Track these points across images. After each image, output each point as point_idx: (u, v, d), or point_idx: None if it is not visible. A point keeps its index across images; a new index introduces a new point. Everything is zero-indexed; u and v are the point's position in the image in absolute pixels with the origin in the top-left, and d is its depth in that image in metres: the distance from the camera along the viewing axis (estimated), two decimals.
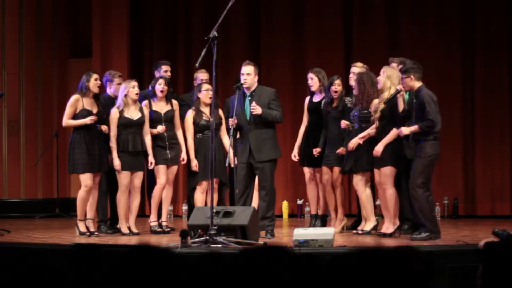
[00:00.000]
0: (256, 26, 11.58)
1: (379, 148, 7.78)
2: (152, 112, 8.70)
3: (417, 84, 7.65)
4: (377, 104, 7.96)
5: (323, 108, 8.71)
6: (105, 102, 8.59)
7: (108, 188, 8.73)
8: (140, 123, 8.49)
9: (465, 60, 10.97)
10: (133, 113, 8.48)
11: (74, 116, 8.29)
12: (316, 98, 8.91)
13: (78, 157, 8.21)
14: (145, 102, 8.73)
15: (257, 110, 7.96)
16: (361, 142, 8.05)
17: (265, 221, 7.94)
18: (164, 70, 9.23)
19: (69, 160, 8.33)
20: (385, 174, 7.86)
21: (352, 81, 8.45)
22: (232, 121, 7.93)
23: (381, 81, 7.97)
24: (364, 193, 8.14)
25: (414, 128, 7.57)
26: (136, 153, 8.46)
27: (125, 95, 8.44)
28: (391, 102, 7.82)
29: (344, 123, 8.25)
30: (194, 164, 8.73)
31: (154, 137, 8.66)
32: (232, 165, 8.17)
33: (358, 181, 8.14)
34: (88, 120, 8.20)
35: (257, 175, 8.17)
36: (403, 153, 7.85)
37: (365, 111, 8.11)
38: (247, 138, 8.05)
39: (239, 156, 8.10)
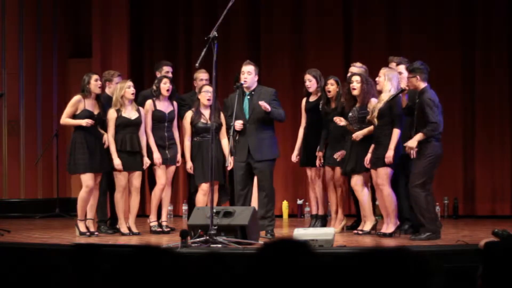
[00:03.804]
0: (256, 26, 11.58)
1: (390, 154, 7.75)
2: (157, 112, 8.69)
3: (422, 85, 7.66)
4: (375, 104, 7.96)
5: (321, 109, 8.71)
6: (104, 102, 8.59)
7: (107, 188, 8.73)
8: (137, 123, 8.49)
9: (465, 60, 10.97)
10: (130, 113, 8.48)
11: (75, 117, 8.29)
12: (312, 98, 8.92)
13: (79, 157, 8.21)
14: (149, 101, 8.71)
15: (267, 107, 7.91)
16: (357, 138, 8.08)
17: (265, 221, 7.94)
18: (166, 71, 9.18)
19: (70, 160, 8.33)
20: (382, 175, 7.85)
21: (355, 83, 8.27)
22: (240, 125, 7.91)
23: (382, 83, 7.96)
24: (362, 193, 8.14)
25: (419, 136, 7.57)
26: (134, 153, 8.45)
27: (122, 96, 8.43)
28: (393, 101, 7.82)
29: (339, 120, 8.20)
30: (189, 167, 8.73)
31: (154, 137, 8.66)
32: (230, 167, 8.15)
33: (358, 181, 8.14)
34: (84, 122, 8.19)
35: (256, 175, 8.16)
36: (400, 152, 7.85)
37: (363, 111, 8.11)
38: (246, 138, 8.04)
39: (237, 155, 8.08)
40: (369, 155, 7.96)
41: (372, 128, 8.02)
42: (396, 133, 7.79)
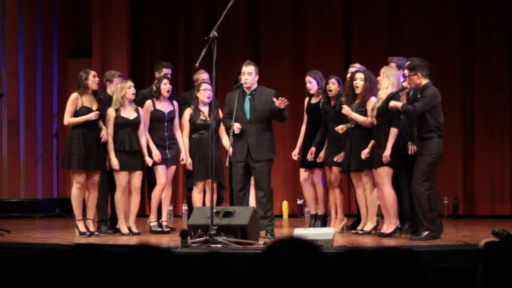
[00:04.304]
0: (256, 26, 11.59)
1: (387, 153, 7.74)
2: (156, 112, 8.68)
3: (424, 81, 7.66)
4: (374, 103, 7.96)
5: (321, 108, 8.72)
6: (105, 101, 8.59)
7: (108, 188, 8.72)
8: (136, 122, 8.49)
9: (465, 60, 10.97)
10: (129, 113, 8.48)
11: (74, 114, 8.29)
12: (314, 100, 8.92)
13: (74, 153, 8.19)
14: (149, 102, 8.71)
15: (283, 104, 7.93)
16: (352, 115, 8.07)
17: (265, 221, 7.93)
18: (165, 73, 9.18)
19: (64, 155, 8.31)
20: (382, 174, 7.85)
21: (359, 81, 8.25)
22: (238, 128, 7.90)
23: (381, 82, 7.97)
24: (372, 191, 8.12)
25: (399, 104, 7.61)
26: (133, 153, 8.45)
27: (122, 96, 8.43)
28: (392, 99, 7.81)
29: (340, 130, 8.21)
30: (188, 163, 8.74)
31: (155, 137, 8.66)
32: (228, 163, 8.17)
33: (368, 179, 8.12)
34: (93, 115, 8.19)
35: (254, 175, 8.14)
36: (401, 152, 7.85)
37: (362, 109, 8.11)
38: (246, 138, 8.03)
39: (236, 155, 8.07)
40: (367, 150, 7.96)
41: (365, 120, 8.01)
42: (393, 132, 7.78)
